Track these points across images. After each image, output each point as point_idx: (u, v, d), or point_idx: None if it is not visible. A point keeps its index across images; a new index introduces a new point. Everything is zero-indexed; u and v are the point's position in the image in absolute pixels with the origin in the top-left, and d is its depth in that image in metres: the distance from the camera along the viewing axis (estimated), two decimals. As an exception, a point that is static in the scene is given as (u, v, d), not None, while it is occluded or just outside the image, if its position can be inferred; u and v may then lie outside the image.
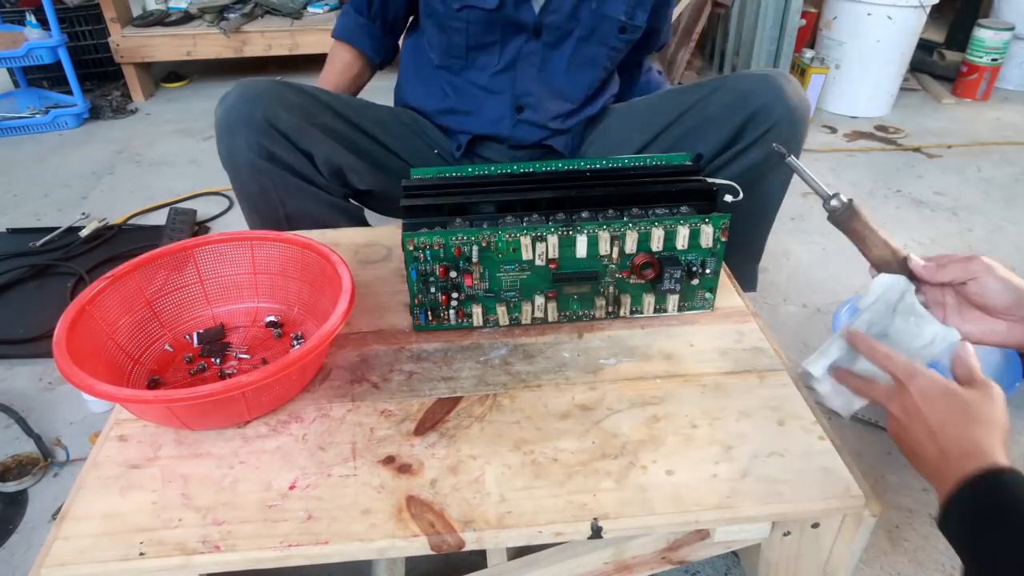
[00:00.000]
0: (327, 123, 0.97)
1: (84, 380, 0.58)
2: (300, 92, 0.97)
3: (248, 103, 0.92)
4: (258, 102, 0.92)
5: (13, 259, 1.50)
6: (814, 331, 1.31)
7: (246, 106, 0.92)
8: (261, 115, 0.91)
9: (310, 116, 0.96)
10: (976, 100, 2.46)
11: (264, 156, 0.93)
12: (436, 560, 0.85)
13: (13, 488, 0.98)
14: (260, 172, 0.94)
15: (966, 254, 0.64)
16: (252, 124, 0.91)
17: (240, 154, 0.93)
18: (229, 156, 0.95)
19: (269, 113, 0.92)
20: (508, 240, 0.71)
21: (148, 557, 0.54)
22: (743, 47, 2.35)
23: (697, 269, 0.76)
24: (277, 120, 0.92)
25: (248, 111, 0.92)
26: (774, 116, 0.94)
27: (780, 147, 0.76)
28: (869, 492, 0.59)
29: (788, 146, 0.94)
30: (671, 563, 0.69)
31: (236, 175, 0.96)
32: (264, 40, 2.45)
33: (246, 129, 0.91)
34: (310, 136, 0.95)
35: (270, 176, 0.95)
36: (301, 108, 0.95)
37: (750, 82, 0.97)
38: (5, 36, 2.16)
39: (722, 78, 1.03)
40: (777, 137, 0.92)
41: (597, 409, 0.67)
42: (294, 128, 0.93)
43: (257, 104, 0.92)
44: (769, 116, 0.94)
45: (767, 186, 1.02)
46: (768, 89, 0.95)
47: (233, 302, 0.80)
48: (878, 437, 1.08)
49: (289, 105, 0.94)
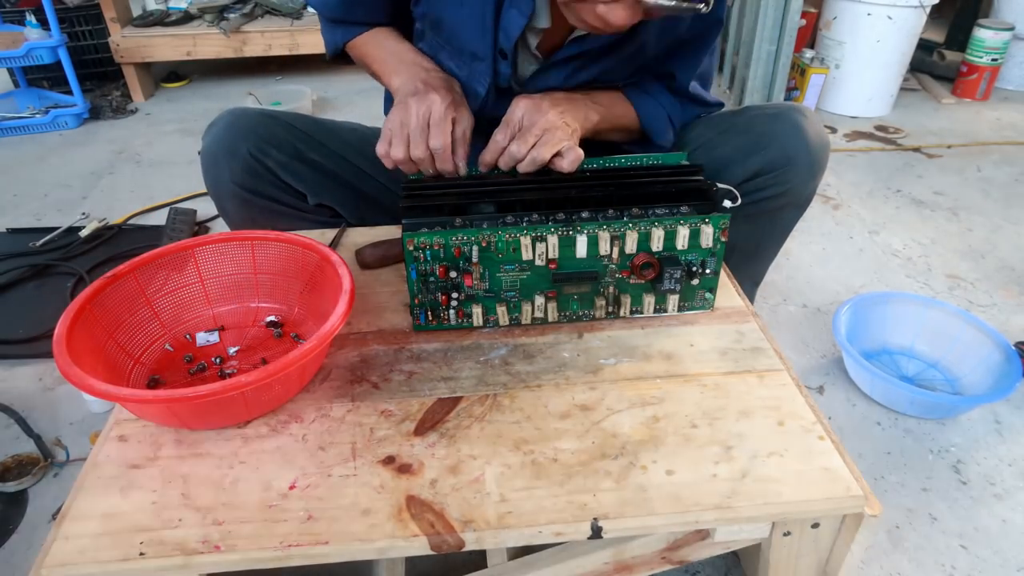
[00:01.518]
0: (317, 160, 0.94)
1: (84, 379, 0.58)
2: (290, 128, 0.93)
3: (236, 135, 0.89)
4: (247, 135, 0.89)
5: (13, 259, 1.50)
6: (814, 331, 1.31)
7: (233, 138, 0.89)
8: (247, 149, 0.89)
9: (299, 153, 0.93)
10: (976, 100, 2.46)
11: (248, 189, 0.91)
12: (436, 560, 0.85)
13: (13, 488, 0.98)
14: (244, 203, 0.92)
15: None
16: (237, 156, 0.89)
17: (224, 185, 0.91)
18: (214, 186, 0.92)
19: (256, 148, 0.89)
20: (508, 240, 0.71)
21: (148, 557, 0.54)
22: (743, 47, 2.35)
23: (697, 269, 0.76)
24: (265, 156, 0.90)
25: (233, 144, 0.89)
26: (792, 158, 0.86)
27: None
28: (869, 492, 0.59)
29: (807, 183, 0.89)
30: (671, 563, 0.69)
31: (221, 203, 0.95)
32: (264, 40, 2.45)
33: (230, 161, 0.89)
34: (299, 173, 0.93)
35: (257, 207, 0.93)
36: (291, 144, 0.92)
37: (765, 122, 0.89)
38: (5, 36, 2.17)
39: (735, 115, 0.94)
40: (795, 176, 0.87)
41: (597, 409, 0.67)
42: (282, 164, 0.91)
43: (247, 137, 0.89)
44: (787, 158, 0.86)
45: (780, 219, 0.96)
46: (784, 131, 0.87)
47: (233, 302, 0.80)
48: (878, 437, 1.08)
49: (278, 141, 0.91)
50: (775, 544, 0.65)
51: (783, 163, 0.87)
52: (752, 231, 0.95)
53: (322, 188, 0.95)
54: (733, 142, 0.90)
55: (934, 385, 1.18)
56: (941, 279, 1.47)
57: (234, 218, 0.96)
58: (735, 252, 0.95)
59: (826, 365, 1.23)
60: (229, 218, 0.97)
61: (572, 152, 0.77)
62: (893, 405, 1.13)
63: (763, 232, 0.97)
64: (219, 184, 0.92)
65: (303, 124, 0.96)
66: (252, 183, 0.91)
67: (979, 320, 1.17)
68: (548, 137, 0.77)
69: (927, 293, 1.42)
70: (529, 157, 0.77)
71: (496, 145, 0.79)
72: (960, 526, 0.93)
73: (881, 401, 1.14)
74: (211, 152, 0.91)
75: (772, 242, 1.02)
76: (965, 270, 1.50)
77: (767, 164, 0.87)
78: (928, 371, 1.21)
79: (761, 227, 0.96)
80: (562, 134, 0.78)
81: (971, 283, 1.45)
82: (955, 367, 1.19)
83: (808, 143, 0.87)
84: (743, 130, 0.90)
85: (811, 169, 0.88)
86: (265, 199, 0.93)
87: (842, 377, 1.20)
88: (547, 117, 0.77)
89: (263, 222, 0.95)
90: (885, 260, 1.54)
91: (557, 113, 0.78)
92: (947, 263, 1.53)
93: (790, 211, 0.95)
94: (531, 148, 0.77)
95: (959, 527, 0.93)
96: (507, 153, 0.78)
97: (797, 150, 0.86)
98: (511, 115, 0.79)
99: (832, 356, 1.25)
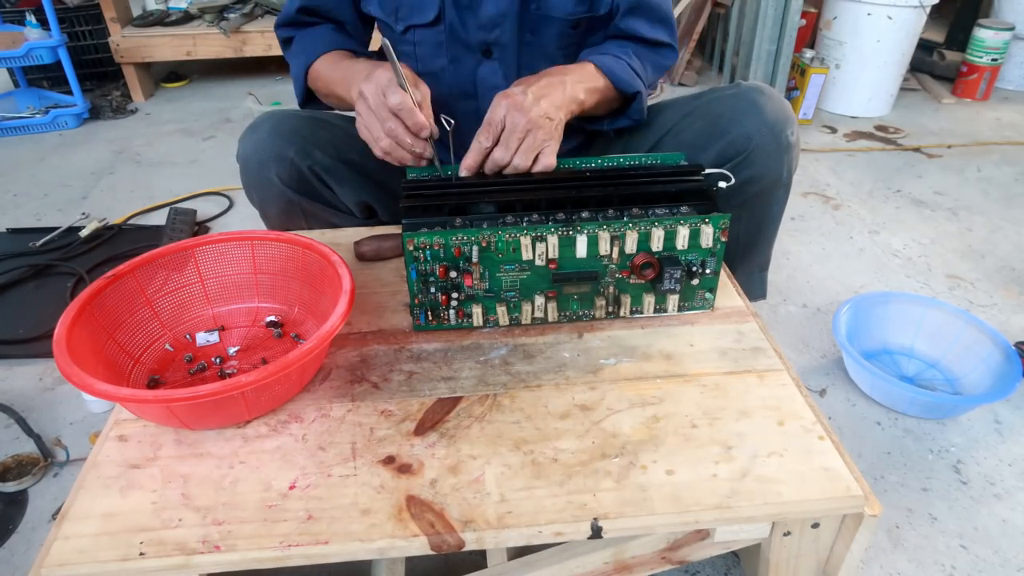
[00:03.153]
0: (355, 159, 0.96)
1: (84, 379, 0.58)
2: (332, 127, 0.96)
3: (283, 139, 0.91)
4: (293, 139, 0.91)
5: (13, 259, 1.50)
6: (814, 331, 1.31)
7: (280, 142, 0.91)
8: (295, 152, 0.90)
9: (340, 153, 0.94)
10: (976, 100, 2.46)
11: (295, 189, 0.93)
12: (436, 560, 0.85)
13: (13, 488, 0.98)
14: (290, 205, 0.94)
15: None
16: (284, 160, 0.90)
17: (272, 189, 0.92)
18: (259, 189, 0.94)
19: (302, 151, 0.91)
20: (508, 240, 0.71)
21: (148, 557, 0.54)
22: (743, 47, 2.35)
23: (697, 269, 0.76)
24: (312, 159, 0.91)
25: (281, 147, 0.90)
26: (753, 138, 0.86)
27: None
28: (869, 492, 0.59)
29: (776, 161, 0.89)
30: (671, 563, 0.69)
31: (264, 207, 0.97)
32: (264, 40, 2.45)
33: (278, 164, 0.90)
34: (340, 174, 0.94)
35: (299, 206, 0.95)
36: (333, 146, 0.94)
37: (722, 104, 0.89)
38: (5, 36, 2.17)
39: (696, 98, 0.95)
40: (762, 156, 0.87)
41: (597, 409, 0.67)
42: (325, 167, 0.93)
43: (292, 141, 0.91)
44: (748, 139, 0.87)
45: (767, 197, 0.97)
46: (743, 111, 0.87)
47: (233, 302, 0.80)
48: (878, 437, 1.08)
49: (323, 143, 0.93)
50: (775, 544, 0.65)
51: (745, 145, 0.87)
52: (747, 218, 0.96)
53: (361, 187, 0.97)
54: (695, 126, 0.91)
55: (934, 385, 1.18)
56: (941, 279, 1.47)
57: (275, 222, 0.98)
58: (736, 243, 0.96)
59: (826, 365, 1.23)
60: (271, 221, 0.99)
61: (545, 158, 0.78)
62: (893, 405, 1.13)
63: (757, 218, 0.98)
64: (267, 188, 0.93)
65: (341, 121, 0.98)
66: (299, 185, 0.93)
67: (979, 320, 1.17)
68: (530, 140, 0.77)
69: (927, 293, 1.42)
70: (512, 165, 0.78)
71: (480, 147, 0.78)
72: (960, 526, 0.93)
73: (881, 401, 1.14)
74: (257, 157, 0.92)
75: (768, 226, 1.02)
76: (965, 270, 1.50)
77: (729, 147, 0.88)
78: (928, 371, 1.21)
79: (753, 213, 0.96)
80: (544, 134, 0.78)
81: (971, 283, 1.45)
82: (955, 367, 1.19)
83: (767, 121, 0.86)
84: (703, 114, 0.91)
85: (776, 147, 0.87)
86: (311, 200, 0.95)
87: (842, 377, 1.20)
88: (529, 116, 0.77)
89: (305, 223, 0.97)
90: (885, 260, 1.54)
91: (540, 109, 0.78)
92: (947, 263, 1.53)
93: (775, 192, 0.95)
94: (514, 154, 0.77)
95: (959, 527, 0.93)
96: (491, 160, 0.78)
97: (757, 129, 0.86)
98: (493, 115, 0.78)
99: (832, 356, 1.25)
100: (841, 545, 0.64)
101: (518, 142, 0.77)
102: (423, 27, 0.92)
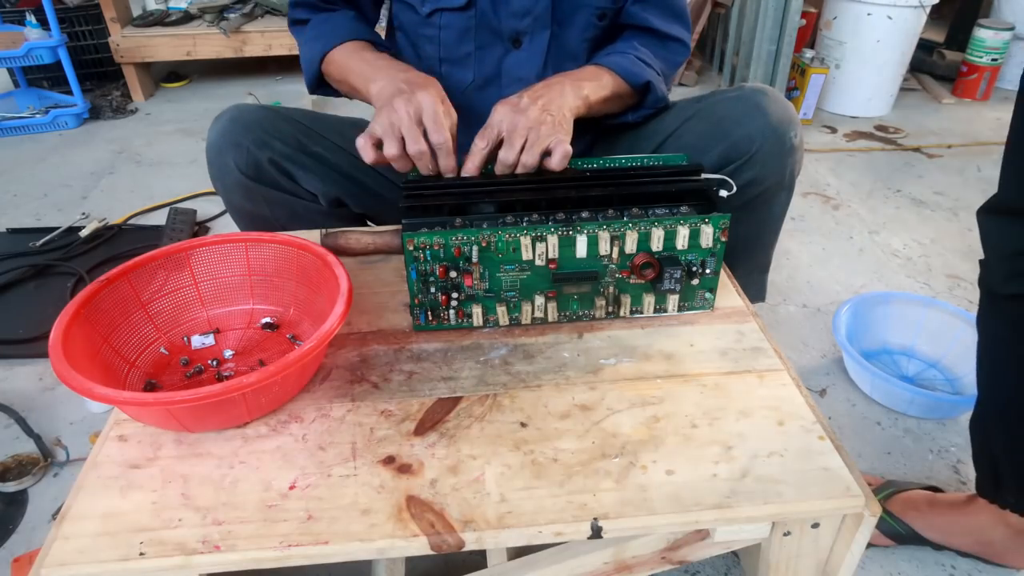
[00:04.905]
0: (320, 152, 0.95)
1: (83, 384, 0.58)
2: (292, 121, 0.95)
3: (241, 127, 0.91)
4: (252, 127, 0.90)
5: (13, 259, 1.50)
6: (814, 331, 1.31)
7: (238, 130, 0.90)
8: (252, 141, 0.90)
9: (302, 145, 0.94)
10: (976, 100, 2.46)
11: (252, 177, 0.92)
12: (436, 560, 0.85)
13: (13, 488, 0.98)
14: (249, 191, 0.93)
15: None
16: (241, 148, 0.90)
17: (229, 175, 0.92)
18: (220, 177, 0.94)
19: (259, 140, 0.90)
20: (508, 240, 0.71)
21: (148, 557, 0.54)
22: (743, 47, 2.35)
23: (697, 269, 0.76)
24: (268, 148, 0.91)
25: (239, 136, 0.90)
26: (756, 140, 0.86)
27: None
28: (869, 492, 0.59)
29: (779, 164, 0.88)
30: (671, 563, 0.69)
31: (228, 197, 0.96)
32: (264, 40, 2.46)
33: (235, 152, 0.90)
34: (303, 165, 0.94)
35: (262, 195, 0.94)
36: (293, 137, 0.93)
37: (725, 107, 0.89)
38: (5, 36, 2.17)
39: (698, 100, 0.94)
40: (765, 158, 0.87)
41: (597, 409, 0.67)
42: (286, 156, 0.92)
43: (251, 129, 0.90)
44: (750, 141, 0.86)
45: (770, 199, 0.95)
46: (746, 113, 0.86)
47: (228, 304, 0.80)
48: (878, 437, 1.08)
49: (281, 134, 0.92)
50: (775, 544, 0.65)
51: (747, 147, 0.86)
52: (748, 220, 0.95)
53: (328, 180, 0.96)
54: (697, 129, 0.90)
55: (934, 385, 1.18)
56: (941, 279, 1.47)
57: (241, 212, 0.97)
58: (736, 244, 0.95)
59: (826, 365, 1.23)
60: (237, 213, 0.98)
61: (560, 148, 0.76)
62: (893, 405, 1.13)
63: (758, 220, 0.97)
64: (225, 175, 0.93)
65: (305, 118, 0.97)
66: (256, 174, 0.92)
67: (979, 320, 1.17)
68: (534, 137, 0.77)
69: (927, 293, 1.42)
70: (520, 163, 0.77)
71: (477, 150, 0.78)
72: (960, 526, 0.93)
73: (881, 401, 1.14)
74: (215, 145, 0.92)
75: (770, 228, 1.01)
76: (965, 270, 1.50)
77: (732, 150, 0.87)
78: (928, 371, 1.21)
79: (754, 215, 0.96)
80: (547, 129, 0.77)
81: (971, 283, 1.45)
82: (955, 367, 1.19)
83: (770, 123, 0.86)
84: (706, 116, 0.90)
85: (779, 149, 0.87)
86: (270, 188, 0.94)
87: (842, 377, 1.20)
88: (527, 116, 0.77)
89: (271, 211, 0.96)
90: (885, 260, 1.54)
91: (537, 109, 0.78)
92: (947, 263, 1.53)
93: (778, 195, 0.94)
94: (520, 153, 0.77)
95: (959, 527, 0.93)
96: (499, 162, 0.78)
97: (761, 131, 0.86)
98: (490, 119, 0.78)
99: (832, 356, 1.25)
100: (841, 545, 0.64)
101: (522, 140, 0.77)
102: (452, 11, 0.91)
